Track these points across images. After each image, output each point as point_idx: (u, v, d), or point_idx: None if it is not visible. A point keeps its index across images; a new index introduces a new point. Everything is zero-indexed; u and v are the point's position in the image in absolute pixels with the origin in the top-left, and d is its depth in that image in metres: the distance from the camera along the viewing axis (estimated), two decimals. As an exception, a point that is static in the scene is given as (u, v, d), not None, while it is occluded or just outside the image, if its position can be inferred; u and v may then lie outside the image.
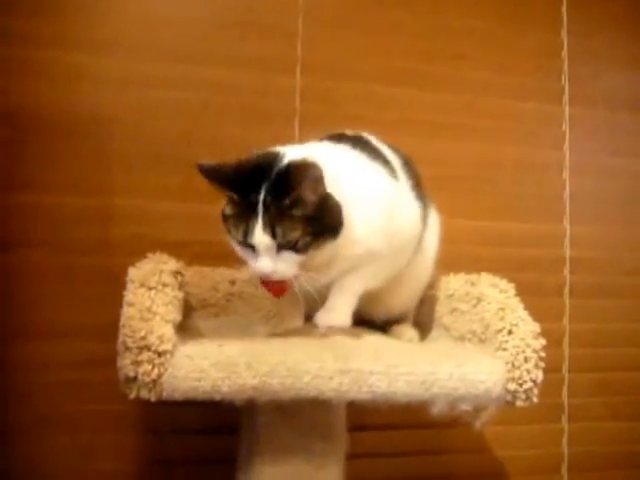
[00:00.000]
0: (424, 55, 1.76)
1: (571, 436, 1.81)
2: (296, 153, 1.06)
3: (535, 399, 1.10)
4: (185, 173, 1.52)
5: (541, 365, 1.10)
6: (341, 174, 1.08)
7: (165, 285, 1.07)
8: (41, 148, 1.47)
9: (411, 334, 1.31)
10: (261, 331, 1.29)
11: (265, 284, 1.09)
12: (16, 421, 1.42)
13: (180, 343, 1.01)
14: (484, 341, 1.17)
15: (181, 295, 1.13)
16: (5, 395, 1.41)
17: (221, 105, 1.59)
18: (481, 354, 1.14)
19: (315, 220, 1.01)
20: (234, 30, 1.61)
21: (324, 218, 1.03)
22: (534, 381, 1.09)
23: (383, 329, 1.31)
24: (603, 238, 1.87)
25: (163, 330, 0.98)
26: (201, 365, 0.98)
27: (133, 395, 0.97)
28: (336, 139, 1.21)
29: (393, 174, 1.19)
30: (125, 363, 0.96)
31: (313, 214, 1.01)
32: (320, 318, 1.13)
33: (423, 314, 1.36)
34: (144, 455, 1.50)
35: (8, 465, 1.39)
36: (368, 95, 1.71)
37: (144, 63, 1.55)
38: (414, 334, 1.31)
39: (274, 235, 1.00)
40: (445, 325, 1.31)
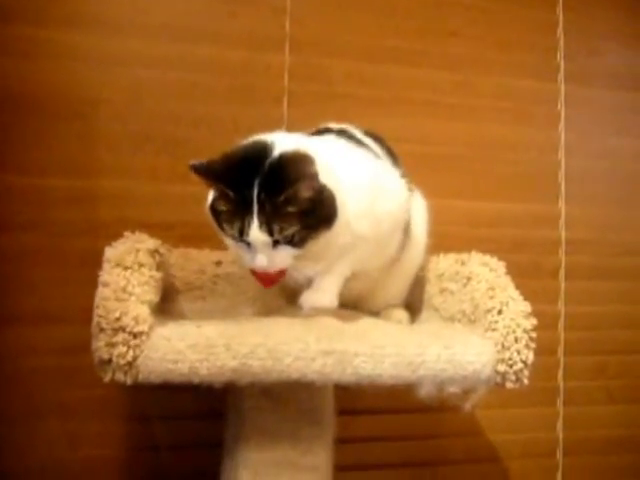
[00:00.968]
0: (417, 32, 1.73)
1: (566, 420, 1.80)
2: (286, 143, 1.04)
3: (525, 381, 1.07)
4: (173, 154, 1.51)
5: (532, 346, 1.08)
6: (331, 161, 1.07)
7: (141, 265, 1.05)
8: (27, 129, 1.44)
9: (401, 315, 1.28)
10: (247, 313, 1.26)
11: (257, 275, 1.08)
12: (3, 407, 1.39)
13: (158, 325, 0.98)
14: (474, 321, 1.15)
15: (159, 275, 1.11)
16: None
17: (209, 84, 1.56)
18: (470, 335, 1.11)
19: (311, 213, 1.01)
20: (222, 7, 1.58)
21: (319, 210, 1.02)
22: (524, 362, 1.06)
23: (375, 313, 1.28)
24: (599, 219, 1.84)
25: (138, 311, 0.96)
26: (178, 347, 0.95)
27: (108, 378, 0.95)
28: (322, 132, 1.22)
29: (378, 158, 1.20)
30: (99, 345, 0.94)
31: (309, 208, 1.01)
32: (306, 299, 1.11)
33: (413, 296, 1.34)
34: (131, 441, 1.48)
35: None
36: (359, 73, 1.67)
37: (131, 42, 1.52)
38: (404, 315, 1.29)
39: (271, 232, 0.99)
40: (435, 306, 1.30)
